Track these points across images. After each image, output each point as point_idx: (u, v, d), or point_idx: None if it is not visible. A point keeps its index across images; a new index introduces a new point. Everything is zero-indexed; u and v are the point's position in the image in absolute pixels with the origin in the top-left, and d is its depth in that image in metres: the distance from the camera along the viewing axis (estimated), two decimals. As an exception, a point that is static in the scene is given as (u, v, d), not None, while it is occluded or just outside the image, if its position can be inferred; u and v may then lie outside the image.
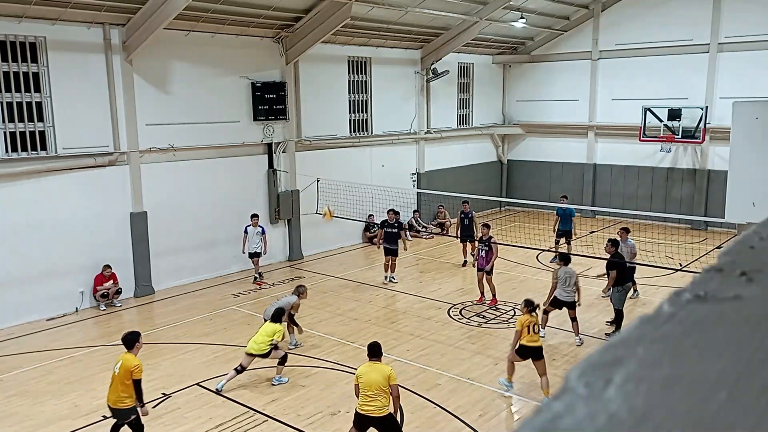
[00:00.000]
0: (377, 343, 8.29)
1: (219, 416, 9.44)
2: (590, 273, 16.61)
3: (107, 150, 14.47)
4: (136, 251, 15.10)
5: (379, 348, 8.21)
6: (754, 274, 0.80)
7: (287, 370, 10.72)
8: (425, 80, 22.18)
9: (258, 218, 16.27)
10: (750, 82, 19.86)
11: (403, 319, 13.53)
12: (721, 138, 20.12)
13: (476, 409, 9.56)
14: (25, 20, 12.97)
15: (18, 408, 9.80)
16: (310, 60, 18.22)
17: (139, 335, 8.42)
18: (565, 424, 0.56)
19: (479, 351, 11.80)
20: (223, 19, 15.56)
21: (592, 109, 23.91)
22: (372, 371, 7.91)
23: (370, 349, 8.21)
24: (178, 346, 12.13)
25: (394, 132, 21.42)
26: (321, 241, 19.08)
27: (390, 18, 18.85)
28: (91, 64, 14.05)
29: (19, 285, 13.39)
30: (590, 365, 0.64)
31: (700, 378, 0.60)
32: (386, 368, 8.04)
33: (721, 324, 0.69)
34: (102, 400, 9.93)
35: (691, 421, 0.54)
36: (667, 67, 21.87)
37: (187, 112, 15.75)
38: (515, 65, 25.74)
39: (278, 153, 17.90)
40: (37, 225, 13.52)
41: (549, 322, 13.09)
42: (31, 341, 12.57)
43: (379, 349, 8.21)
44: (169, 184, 15.60)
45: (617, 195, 23.34)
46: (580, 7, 23.34)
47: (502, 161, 26.40)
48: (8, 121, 13.10)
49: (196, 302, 14.82)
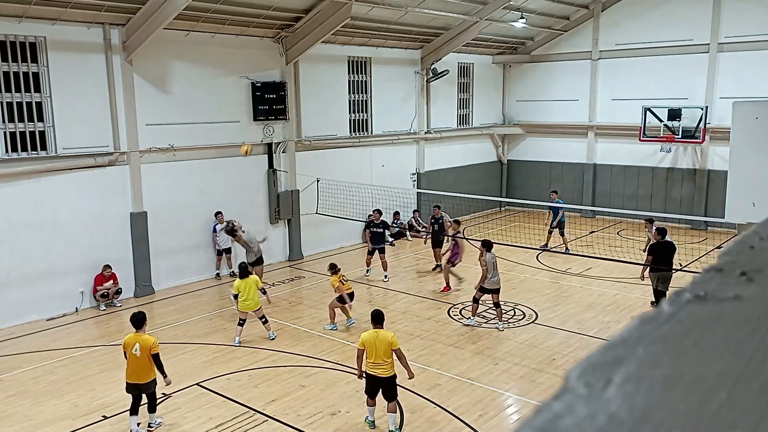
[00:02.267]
0: (380, 311, 9.09)
1: (219, 416, 9.44)
2: (590, 273, 16.63)
3: (107, 150, 14.47)
4: (136, 251, 15.10)
5: (382, 315, 9.03)
6: (754, 274, 0.80)
7: (288, 370, 10.71)
8: (425, 80, 22.18)
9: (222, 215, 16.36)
10: (750, 82, 19.87)
11: (403, 319, 13.53)
12: (721, 138, 20.12)
13: (476, 409, 9.56)
14: (25, 20, 12.97)
15: (18, 408, 9.80)
16: (310, 60, 18.22)
17: (145, 315, 9.21)
18: (565, 424, 0.56)
19: (479, 351, 11.80)
20: (223, 19, 15.56)
21: (592, 109, 23.91)
22: (376, 339, 8.70)
23: (374, 317, 8.99)
24: (178, 346, 12.13)
25: (394, 132, 21.43)
26: (321, 241, 19.08)
27: (390, 18, 18.85)
28: (91, 64, 14.05)
29: (19, 285, 13.39)
30: (590, 365, 0.64)
31: (700, 378, 0.60)
32: (389, 334, 8.85)
33: (721, 324, 0.69)
34: (102, 400, 9.96)
35: (691, 421, 0.54)
36: (667, 67, 21.87)
37: (187, 112, 15.75)
38: (515, 65, 25.74)
39: (278, 153, 17.91)
40: (37, 225, 13.52)
41: (550, 321, 13.10)
42: (31, 341, 12.57)
43: (382, 317, 9.02)
44: (169, 184, 15.60)
45: (617, 195, 23.35)
46: (580, 7, 23.34)
47: (502, 161, 26.40)
48: (8, 121, 13.10)
49: (196, 302, 14.82)
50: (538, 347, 11.92)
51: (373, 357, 8.73)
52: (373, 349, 8.71)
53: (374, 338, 8.76)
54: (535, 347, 11.92)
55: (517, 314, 13.81)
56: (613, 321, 13.31)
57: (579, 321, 13.38)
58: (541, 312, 13.86)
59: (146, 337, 8.93)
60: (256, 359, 11.53)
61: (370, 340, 8.77)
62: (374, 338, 8.76)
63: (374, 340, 8.74)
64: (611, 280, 16.02)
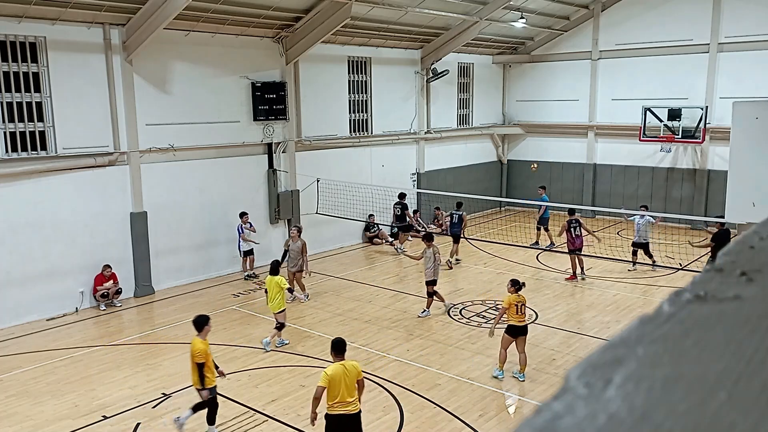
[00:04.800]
0: (342, 340, 7.89)
1: (219, 416, 9.43)
2: (590, 273, 16.62)
3: (107, 150, 14.47)
4: (136, 251, 15.10)
5: (344, 344, 7.83)
6: (754, 274, 0.80)
7: (288, 370, 10.72)
8: (425, 80, 22.18)
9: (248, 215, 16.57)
10: (750, 82, 19.86)
11: (403, 319, 13.53)
12: (721, 138, 20.12)
13: (476, 409, 9.56)
14: (25, 20, 12.97)
15: (18, 408, 9.80)
16: (310, 60, 18.22)
17: (208, 319, 8.79)
18: (565, 424, 0.56)
19: (479, 351, 11.80)
20: (223, 19, 15.56)
21: (592, 109, 23.91)
22: (345, 372, 7.51)
23: (337, 347, 7.73)
24: (178, 346, 12.12)
25: (394, 132, 21.42)
26: (321, 241, 19.07)
27: (390, 18, 18.85)
28: (91, 64, 14.05)
29: (19, 285, 13.39)
30: (590, 365, 0.64)
31: (700, 378, 0.60)
32: (356, 364, 7.76)
33: (721, 324, 0.69)
34: (102, 400, 9.97)
35: (691, 421, 0.54)
36: (667, 67, 21.87)
37: (187, 112, 15.75)
38: (515, 65, 25.74)
39: (278, 153, 17.90)
40: (37, 225, 13.52)
41: (550, 321, 13.08)
42: (31, 341, 12.57)
43: (345, 346, 7.83)
44: (169, 184, 15.60)
45: (617, 195, 23.34)
46: (580, 7, 23.34)
47: (502, 161, 26.40)
48: (8, 121, 13.09)
49: (196, 302, 14.81)
50: (538, 347, 11.92)
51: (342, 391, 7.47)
52: (343, 384, 7.46)
53: (343, 370, 7.49)
54: (535, 347, 11.91)
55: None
56: (613, 321, 13.31)
57: (579, 321, 13.38)
58: (541, 312, 13.85)
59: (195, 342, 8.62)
60: (256, 359, 11.53)
61: (338, 372, 7.47)
62: (343, 370, 7.49)
63: (343, 372, 7.47)
64: (611, 280, 16.02)
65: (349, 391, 7.49)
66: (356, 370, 7.56)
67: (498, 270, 17.33)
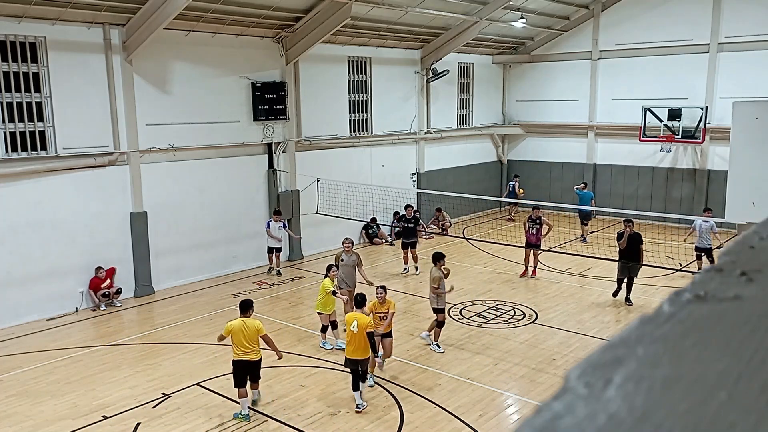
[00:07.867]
0: (249, 300, 9.65)
1: (219, 416, 9.44)
2: (590, 273, 16.63)
3: (107, 150, 14.47)
4: (136, 251, 15.10)
5: (250, 303, 9.55)
6: (754, 274, 0.80)
7: (288, 370, 10.71)
8: (425, 80, 22.18)
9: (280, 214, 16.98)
10: (750, 82, 19.86)
11: (403, 319, 13.52)
12: (721, 138, 20.12)
13: (476, 409, 9.56)
14: (25, 20, 12.97)
15: (18, 408, 9.80)
16: (310, 60, 18.22)
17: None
18: (565, 424, 0.56)
19: (479, 351, 11.80)
20: (223, 19, 15.56)
21: (592, 109, 23.92)
22: (244, 326, 9.23)
23: (241, 306, 9.51)
24: (178, 346, 12.13)
25: (394, 132, 21.42)
26: (321, 241, 19.07)
27: (390, 18, 18.85)
28: (91, 64, 14.05)
29: (19, 285, 13.39)
30: (590, 365, 0.64)
31: (700, 378, 0.60)
32: (256, 322, 9.36)
33: (721, 324, 0.69)
34: (102, 400, 9.97)
35: (691, 421, 0.54)
36: (667, 67, 21.87)
37: (187, 112, 15.75)
38: (515, 65, 25.74)
39: (278, 153, 17.90)
40: (37, 225, 13.52)
41: (550, 321, 13.09)
42: (31, 341, 12.57)
43: (250, 305, 9.53)
44: (169, 184, 15.60)
45: (617, 195, 23.34)
46: (580, 7, 23.34)
47: (502, 161, 26.40)
48: (8, 121, 13.09)
49: (196, 302, 14.81)
50: (538, 347, 11.92)
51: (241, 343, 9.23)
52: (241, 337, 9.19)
53: (241, 326, 9.26)
54: (535, 347, 11.92)
55: (517, 314, 13.81)
56: (613, 321, 13.32)
57: (579, 321, 13.38)
58: (541, 312, 13.86)
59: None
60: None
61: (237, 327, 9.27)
62: (241, 326, 9.26)
63: (241, 328, 9.24)
64: (611, 280, 16.01)
65: (249, 342, 9.22)
66: (255, 328, 9.26)
67: (498, 270, 17.34)
